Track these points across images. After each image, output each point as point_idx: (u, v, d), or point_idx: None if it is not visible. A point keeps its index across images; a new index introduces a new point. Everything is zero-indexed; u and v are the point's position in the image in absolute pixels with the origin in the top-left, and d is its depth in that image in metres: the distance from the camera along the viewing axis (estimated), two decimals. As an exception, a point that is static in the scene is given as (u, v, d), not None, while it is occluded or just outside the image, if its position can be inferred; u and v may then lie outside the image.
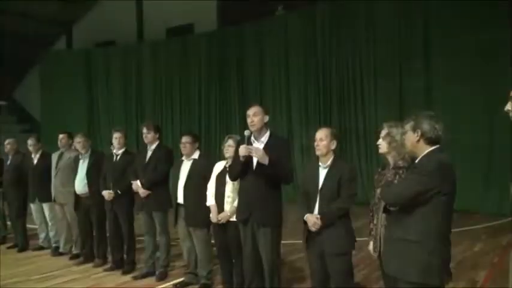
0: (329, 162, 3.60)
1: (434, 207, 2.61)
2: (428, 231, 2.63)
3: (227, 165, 4.39)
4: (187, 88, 13.47)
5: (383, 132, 3.31)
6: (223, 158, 4.53)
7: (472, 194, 8.50)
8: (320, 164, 3.64)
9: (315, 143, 3.64)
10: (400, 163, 3.13)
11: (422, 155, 2.71)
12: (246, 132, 3.81)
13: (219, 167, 4.53)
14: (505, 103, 2.88)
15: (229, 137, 4.49)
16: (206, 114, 13.14)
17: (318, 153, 3.63)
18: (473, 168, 8.74)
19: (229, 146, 4.40)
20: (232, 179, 4.07)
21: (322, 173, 3.60)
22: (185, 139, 4.89)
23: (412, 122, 2.78)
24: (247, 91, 12.36)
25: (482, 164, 8.91)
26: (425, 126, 2.72)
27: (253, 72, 12.23)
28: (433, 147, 2.71)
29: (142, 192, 5.15)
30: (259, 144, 3.86)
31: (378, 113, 10.26)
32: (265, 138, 3.88)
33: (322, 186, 3.56)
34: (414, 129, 2.75)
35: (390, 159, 3.26)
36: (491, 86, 8.53)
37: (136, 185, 5.20)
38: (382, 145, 3.28)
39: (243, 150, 3.72)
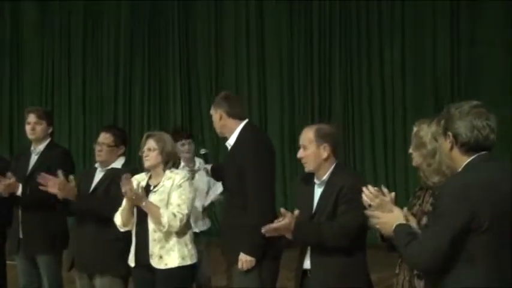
0: (325, 177, 3.71)
1: (475, 253, 2.63)
2: None
3: (150, 182, 4.43)
4: (96, 59, 13.31)
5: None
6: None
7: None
8: (315, 180, 3.76)
9: (298, 154, 3.75)
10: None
11: (459, 170, 2.74)
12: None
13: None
14: None
15: (148, 136, 4.52)
16: (127, 102, 13.04)
17: (306, 169, 3.75)
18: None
19: (149, 149, 4.42)
20: None
21: (317, 192, 3.72)
22: (104, 138, 4.83)
23: (442, 120, 2.81)
24: (194, 67, 12.36)
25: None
26: (459, 125, 2.72)
27: (206, 37, 12.23)
28: (472, 157, 2.72)
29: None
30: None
31: (406, 100, 10.49)
32: (232, 139, 4.24)
33: (315, 211, 3.67)
34: (444, 132, 2.78)
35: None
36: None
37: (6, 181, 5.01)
38: (415, 156, 3.30)
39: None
